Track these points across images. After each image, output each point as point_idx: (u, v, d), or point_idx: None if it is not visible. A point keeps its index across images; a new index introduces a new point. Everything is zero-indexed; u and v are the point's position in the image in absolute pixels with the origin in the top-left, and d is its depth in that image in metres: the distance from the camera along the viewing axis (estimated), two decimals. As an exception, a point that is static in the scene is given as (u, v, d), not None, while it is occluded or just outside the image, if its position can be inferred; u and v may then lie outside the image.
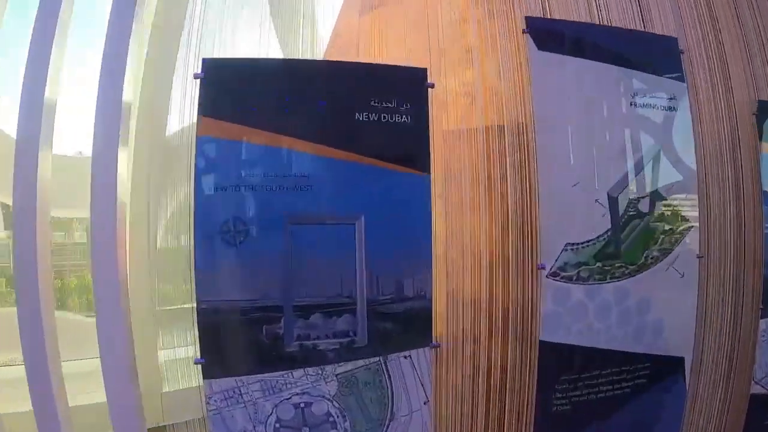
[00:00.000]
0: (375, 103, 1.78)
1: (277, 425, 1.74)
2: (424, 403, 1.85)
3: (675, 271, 2.13)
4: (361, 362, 1.78)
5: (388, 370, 1.81)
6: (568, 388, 1.98)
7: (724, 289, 2.30)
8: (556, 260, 1.92)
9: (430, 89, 1.86)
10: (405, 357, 1.82)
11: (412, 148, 1.82)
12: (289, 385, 1.74)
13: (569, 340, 1.96)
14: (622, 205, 2.03)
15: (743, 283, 2.33)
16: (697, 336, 2.23)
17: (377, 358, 1.79)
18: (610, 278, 2.01)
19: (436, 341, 1.86)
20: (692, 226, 2.17)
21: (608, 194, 1.99)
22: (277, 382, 1.73)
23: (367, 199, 1.77)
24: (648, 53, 2.16)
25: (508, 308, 1.96)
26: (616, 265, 2.02)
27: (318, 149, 1.74)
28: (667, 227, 2.12)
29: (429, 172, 1.83)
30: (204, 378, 1.65)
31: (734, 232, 2.31)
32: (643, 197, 2.07)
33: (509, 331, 1.95)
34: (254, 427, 1.73)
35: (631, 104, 2.08)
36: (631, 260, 2.04)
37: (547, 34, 2.00)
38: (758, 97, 2.36)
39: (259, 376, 1.71)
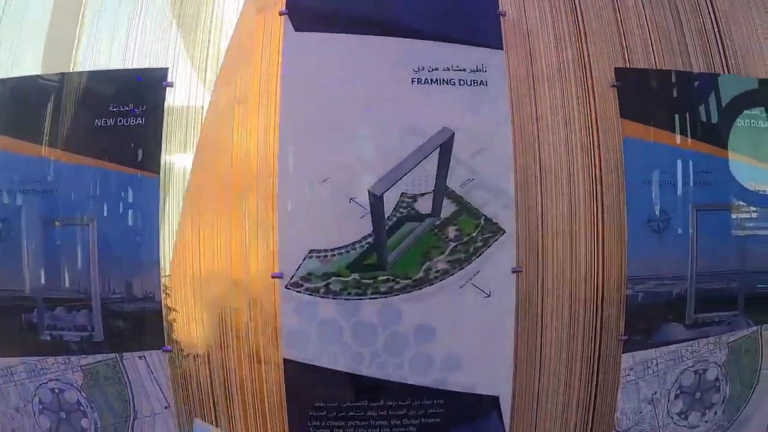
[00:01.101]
0: (113, 108, 1.75)
1: (40, 406, 1.84)
2: (165, 408, 1.76)
3: (477, 289, 1.64)
4: (100, 357, 1.78)
5: (125, 368, 1.77)
6: (327, 417, 1.67)
7: (569, 316, 1.69)
8: (297, 269, 1.63)
9: (169, 88, 1.75)
10: (140, 357, 1.76)
11: (144, 149, 1.75)
12: (45, 371, 1.83)
13: (321, 362, 1.65)
14: (390, 204, 1.63)
15: (599, 309, 1.68)
16: (524, 372, 1.69)
17: (113, 355, 1.77)
18: (373, 294, 1.63)
19: (169, 345, 1.75)
20: (503, 232, 1.64)
21: (369, 192, 1.60)
22: (36, 366, 1.83)
23: (100, 201, 1.76)
24: (449, 18, 1.69)
25: (249, 319, 1.74)
26: (380, 278, 1.63)
27: (62, 155, 1.78)
28: (460, 233, 1.64)
29: (158, 173, 1.73)
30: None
31: (583, 240, 1.67)
32: (422, 194, 1.63)
33: (248, 343, 1.74)
34: (24, 405, 1.86)
35: (415, 81, 1.65)
36: (404, 273, 1.63)
37: (309, 13, 1.71)
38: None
39: (23, 359, 1.83)
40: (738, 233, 1.80)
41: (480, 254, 1.59)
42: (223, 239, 1.77)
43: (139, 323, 1.71)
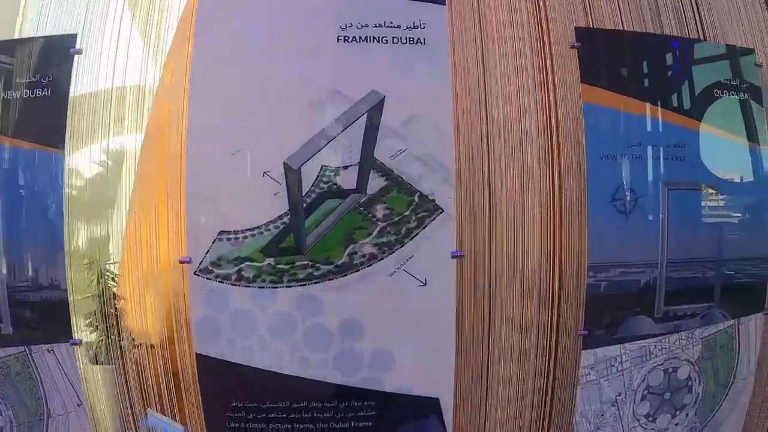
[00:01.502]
0: (20, 79, 1.30)
1: None
2: (78, 405, 1.31)
3: (410, 276, 1.15)
4: (11, 350, 1.34)
5: (34, 363, 1.33)
6: (246, 418, 1.20)
7: (520, 307, 1.20)
8: (206, 253, 1.16)
9: (76, 56, 1.29)
10: (48, 351, 1.31)
11: (47, 122, 1.29)
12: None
13: (236, 358, 1.18)
14: (309, 179, 1.14)
15: (556, 300, 1.19)
16: (469, 371, 1.20)
17: (23, 348, 1.32)
18: (290, 281, 1.16)
19: (77, 338, 1.30)
20: (440, 211, 1.15)
21: (285, 164, 1.12)
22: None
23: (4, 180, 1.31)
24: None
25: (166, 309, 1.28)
26: (298, 263, 1.15)
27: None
28: (390, 211, 1.16)
29: (63, 148, 1.27)
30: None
31: (537, 221, 1.18)
32: (346, 167, 1.15)
33: (165, 336, 1.28)
34: None
35: (341, 39, 1.17)
36: (325, 258, 1.15)
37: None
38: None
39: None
40: (714, 217, 1.28)
41: (414, 236, 1.11)
42: (159, 223, 1.30)
43: (46, 314, 1.28)
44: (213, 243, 1.14)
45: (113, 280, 1.42)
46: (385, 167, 1.14)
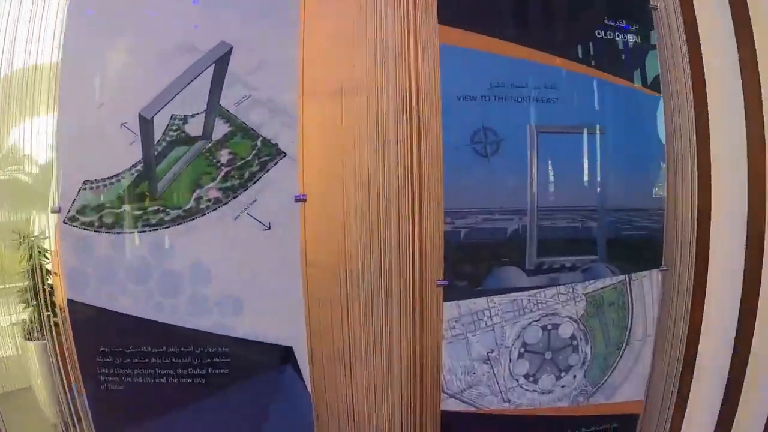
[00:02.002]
0: None
1: None
2: None
3: (254, 220, 0.88)
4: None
5: None
6: (113, 363, 0.96)
7: (359, 254, 0.89)
8: (73, 202, 0.95)
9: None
10: None
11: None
12: None
13: (101, 303, 0.95)
14: (161, 128, 0.91)
15: (415, 247, 0.87)
16: (326, 317, 0.91)
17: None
18: (144, 226, 0.92)
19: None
20: (284, 155, 0.88)
21: (140, 115, 0.90)
22: None
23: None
24: None
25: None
26: (151, 209, 0.92)
27: None
28: (234, 156, 0.90)
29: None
30: None
31: (393, 163, 0.88)
32: (194, 115, 0.91)
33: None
34: None
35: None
36: (174, 203, 0.91)
37: None
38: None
39: None
40: (594, 164, 0.93)
41: (257, 180, 0.85)
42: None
43: None
44: (78, 192, 0.92)
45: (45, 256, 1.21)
46: (230, 114, 0.90)
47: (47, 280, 1.19)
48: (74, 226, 0.93)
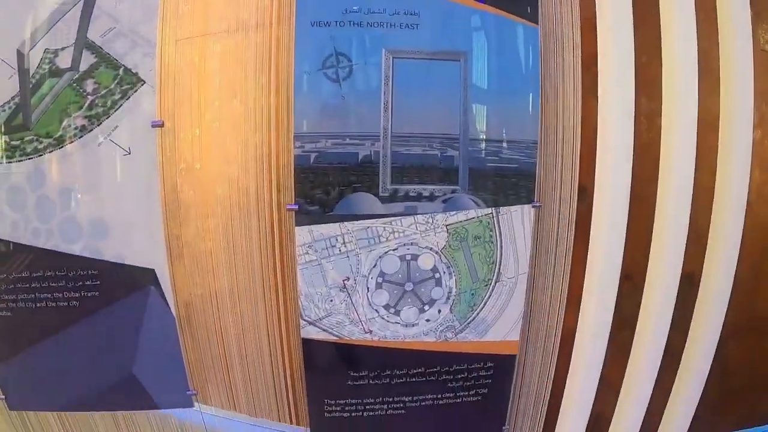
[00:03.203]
0: None
1: None
2: None
3: (115, 145, 0.94)
4: None
5: None
6: (15, 289, 1.00)
7: (236, 177, 0.93)
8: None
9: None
10: None
11: None
12: None
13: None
14: (35, 62, 0.98)
15: (269, 171, 0.91)
16: (184, 241, 0.95)
17: None
18: (20, 156, 0.99)
19: None
20: (143, 83, 0.92)
21: (17, 50, 0.97)
22: None
23: None
24: None
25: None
26: (26, 138, 0.98)
27: None
28: (98, 85, 0.95)
29: None
30: None
31: (249, 88, 0.92)
32: (64, 48, 0.97)
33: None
34: None
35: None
36: (46, 132, 0.97)
37: None
38: None
39: None
40: (454, 91, 0.92)
41: (118, 107, 0.89)
42: None
43: None
44: None
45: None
46: (95, 45, 0.94)
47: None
48: None
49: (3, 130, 0.99)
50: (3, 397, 1.07)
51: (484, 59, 0.97)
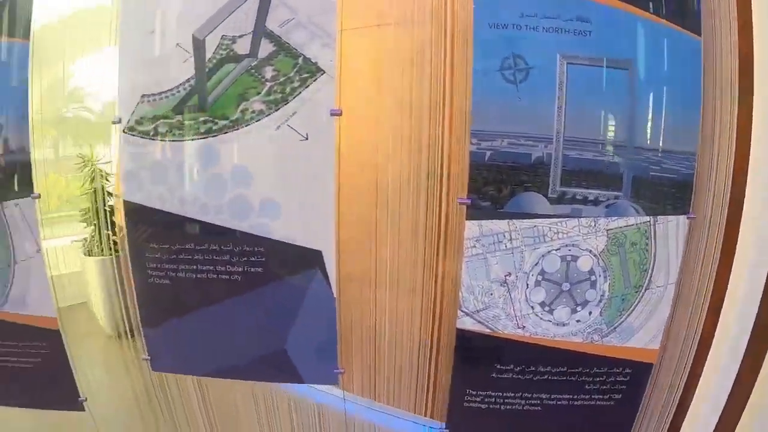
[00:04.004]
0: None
1: None
2: (37, 251, 1.16)
3: (293, 131, 0.97)
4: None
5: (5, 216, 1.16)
6: (161, 258, 1.07)
7: (408, 166, 0.96)
8: (132, 113, 1.05)
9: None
10: (15, 204, 1.16)
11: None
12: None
13: (153, 203, 1.06)
14: (211, 47, 1.01)
15: (446, 165, 0.93)
16: (352, 226, 0.98)
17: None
18: (195, 135, 1.02)
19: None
20: (322, 72, 0.95)
21: (193, 35, 1.01)
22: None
23: None
24: None
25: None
26: (201, 119, 1.01)
27: None
28: (277, 73, 0.98)
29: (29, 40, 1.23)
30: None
31: (426, 82, 0.94)
32: (242, 36, 1.00)
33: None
34: None
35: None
36: (222, 113, 1.01)
37: None
38: None
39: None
40: (623, 99, 0.94)
41: (297, 95, 0.92)
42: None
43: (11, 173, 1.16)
44: (137, 105, 1.04)
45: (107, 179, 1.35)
46: (274, 34, 0.98)
47: (108, 201, 1.32)
48: (132, 135, 1.05)
49: (177, 110, 1.02)
50: (148, 357, 1.11)
51: (650, 68, 0.99)
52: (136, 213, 1.06)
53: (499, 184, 0.96)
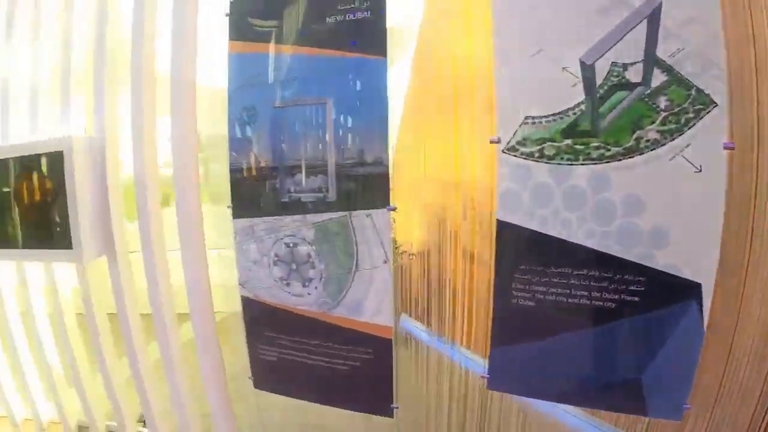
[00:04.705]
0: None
1: (275, 258, 1.37)
2: (384, 262, 1.23)
3: (687, 162, 1.00)
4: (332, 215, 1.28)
5: (353, 225, 1.26)
6: (530, 280, 1.09)
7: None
8: (513, 134, 1.08)
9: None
10: (366, 216, 1.23)
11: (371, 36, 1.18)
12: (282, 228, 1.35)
13: (531, 225, 1.08)
14: (601, 73, 1.05)
15: None
16: (731, 259, 0.99)
17: (345, 213, 1.25)
18: (584, 160, 1.04)
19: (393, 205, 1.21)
20: (715, 104, 0.97)
21: (581, 61, 1.02)
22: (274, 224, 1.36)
23: (335, 85, 1.23)
24: None
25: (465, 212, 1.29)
26: (593, 144, 1.04)
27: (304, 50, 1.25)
28: (671, 103, 1.01)
29: (385, 56, 1.18)
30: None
31: None
32: (633, 63, 1.06)
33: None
34: (261, 258, 1.39)
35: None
36: (616, 140, 1.06)
37: None
38: None
39: (264, 219, 1.35)
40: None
41: (691, 126, 0.98)
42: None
43: (369, 185, 1.21)
44: (519, 126, 1.07)
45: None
46: (665, 64, 1.00)
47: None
48: (513, 155, 1.07)
49: (566, 133, 1.02)
50: (487, 376, 1.11)
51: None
52: (509, 233, 1.07)
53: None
